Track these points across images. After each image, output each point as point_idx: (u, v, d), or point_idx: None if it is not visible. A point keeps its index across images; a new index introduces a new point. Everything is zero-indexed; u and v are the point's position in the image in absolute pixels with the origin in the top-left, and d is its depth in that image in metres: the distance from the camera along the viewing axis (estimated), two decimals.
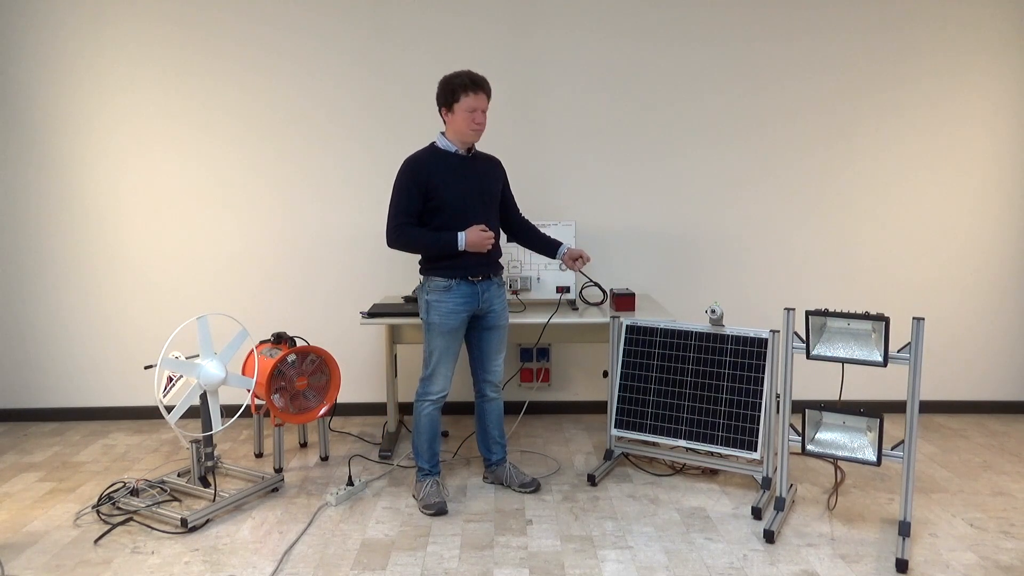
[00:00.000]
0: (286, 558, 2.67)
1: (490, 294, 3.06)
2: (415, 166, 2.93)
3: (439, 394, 3.05)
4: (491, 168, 3.10)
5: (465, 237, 2.91)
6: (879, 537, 2.81)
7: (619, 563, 2.62)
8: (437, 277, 2.98)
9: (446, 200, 2.93)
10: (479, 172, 3.02)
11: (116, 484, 3.27)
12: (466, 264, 2.97)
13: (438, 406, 3.08)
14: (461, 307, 2.99)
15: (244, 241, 4.16)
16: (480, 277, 3.01)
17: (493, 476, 3.30)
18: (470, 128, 2.91)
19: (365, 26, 4.02)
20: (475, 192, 2.98)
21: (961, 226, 4.20)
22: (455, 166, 2.96)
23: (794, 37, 4.06)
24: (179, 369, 2.95)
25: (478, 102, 2.88)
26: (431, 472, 3.13)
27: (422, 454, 3.12)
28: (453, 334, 3.01)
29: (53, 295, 4.17)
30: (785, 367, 2.87)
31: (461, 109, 2.88)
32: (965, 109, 4.11)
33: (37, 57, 3.99)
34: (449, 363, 3.04)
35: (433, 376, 3.04)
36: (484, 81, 2.91)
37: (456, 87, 2.87)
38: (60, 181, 4.09)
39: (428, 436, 3.10)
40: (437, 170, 2.93)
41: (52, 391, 4.25)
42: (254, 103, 4.06)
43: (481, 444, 3.31)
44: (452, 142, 2.97)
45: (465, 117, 2.89)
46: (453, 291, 2.97)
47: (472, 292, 3.00)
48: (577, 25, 4.04)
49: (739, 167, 4.16)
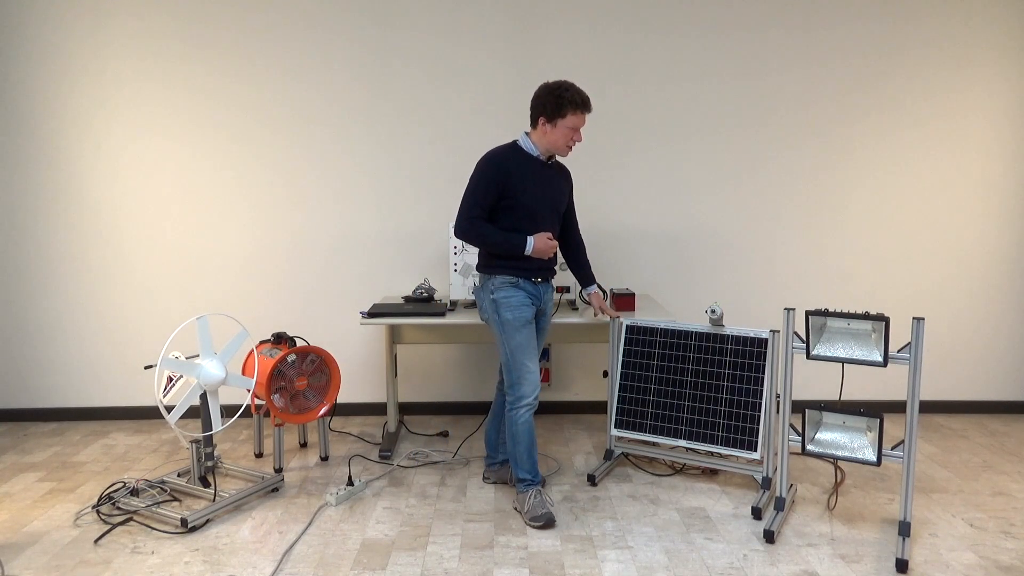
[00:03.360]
0: (286, 558, 2.67)
1: (546, 296, 3.11)
2: (497, 162, 2.92)
3: (532, 396, 2.95)
4: (563, 178, 3.10)
5: (533, 243, 2.92)
6: (879, 537, 2.81)
7: (619, 563, 2.62)
8: (504, 275, 2.98)
9: (520, 202, 2.92)
10: (553, 180, 3.02)
11: (116, 484, 3.27)
12: (529, 267, 2.98)
13: (534, 410, 2.97)
14: (528, 301, 2.99)
15: (244, 241, 4.16)
16: (540, 280, 3.04)
17: (496, 475, 3.29)
18: (567, 145, 2.92)
19: (370, 19, 4.02)
20: (547, 199, 2.98)
21: (962, 226, 4.20)
22: (534, 170, 2.95)
23: (796, 37, 4.06)
24: (179, 369, 2.95)
25: (580, 122, 2.90)
26: (533, 482, 3.00)
27: (522, 464, 2.99)
28: (528, 327, 2.97)
29: (53, 295, 4.17)
30: (785, 367, 2.87)
31: (564, 125, 2.87)
32: (967, 107, 4.11)
33: (38, 56, 3.99)
34: (532, 359, 2.96)
35: (520, 379, 2.94)
36: (589, 102, 2.91)
37: (566, 103, 2.84)
38: (60, 180, 4.09)
39: (527, 444, 2.98)
40: (517, 170, 2.92)
41: (52, 391, 4.25)
42: (253, 104, 4.06)
43: (490, 442, 3.28)
44: (537, 147, 2.96)
45: (565, 133, 2.89)
46: (520, 287, 2.98)
47: (535, 291, 3.03)
48: (575, 21, 4.04)
49: (739, 167, 4.16)
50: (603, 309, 3.28)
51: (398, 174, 4.13)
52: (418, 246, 4.18)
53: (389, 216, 4.16)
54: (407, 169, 4.13)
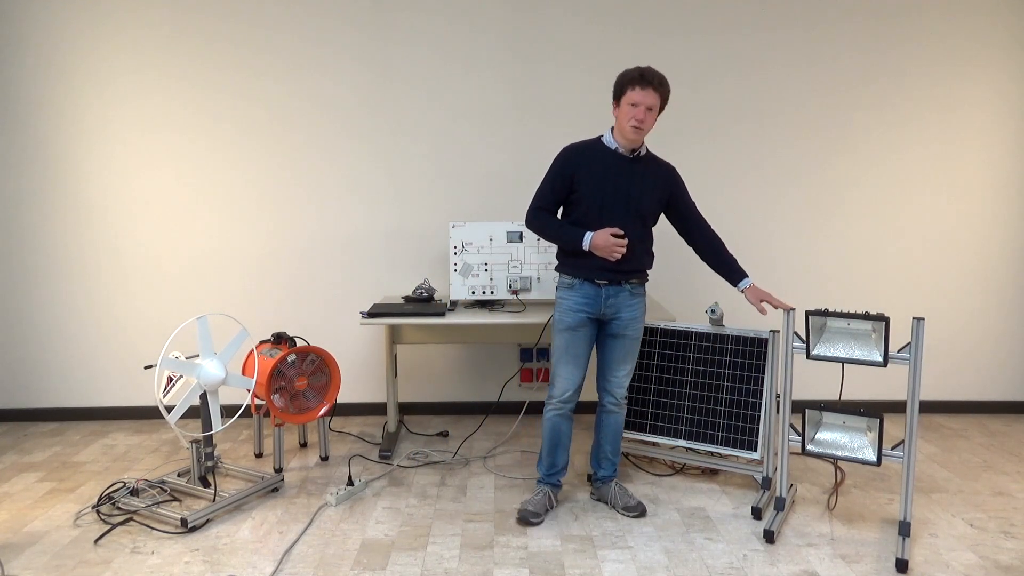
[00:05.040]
0: (286, 558, 2.66)
1: (617, 301, 2.89)
2: (567, 155, 2.88)
3: (559, 398, 2.92)
4: (654, 175, 2.91)
5: (592, 238, 2.79)
6: (879, 537, 2.81)
7: (619, 563, 2.62)
8: (564, 274, 2.93)
9: (584, 196, 2.83)
10: (635, 175, 2.85)
11: (116, 484, 3.27)
12: (592, 265, 2.85)
13: (560, 412, 2.93)
14: (581, 307, 2.88)
15: (244, 241, 4.16)
16: (606, 281, 2.88)
17: (598, 493, 3.13)
18: (628, 123, 2.74)
19: (365, 23, 4.01)
20: (621, 195, 2.83)
21: (961, 226, 4.20)
22: (609, 164, 2.84)
23: (797, 37, 4.06)
24: (179, 369, 2.95)
25: (644, 98, 2.72)
26: (543, 481, 3.03)
27: (541, 461, 3.04)
28: (572, 334, 2.89)
29: (53, 295, 4.17)
30: (785, 367, 2.87)
31: (625, 102, 2.75)
32: (966, 108, 4.11)
33: (39, 58, 3.99)
34: (568, 364, 2.90)
35: (554, 378, 2.93)
36: (656, 78, 2.74)
37: (625, 81, 2.75)
38: (59, 180, 4.09)
39: (549, 443, 2.99)
40: (588, 164, 2.84)
41: (52, 391, 4.25)
42: (253, 103, 4.06)
43: (592, 456, 3.15)
44: (616, 139, 2.84)
45: (627, 111, 2.75)
46: (575, 289, 2.89)
47: (595, 294, 2.87)
48: (576, 18, 4.04)
49: (739, 166, 4.16)
50: (766, 300, 2.94)
51: (398, 174, 4.13)
52: (418, 246, 4.18)
53: (389, 216, 4.16)
54: (407, 169, 4.13)
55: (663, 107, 2.81)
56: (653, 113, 2.77)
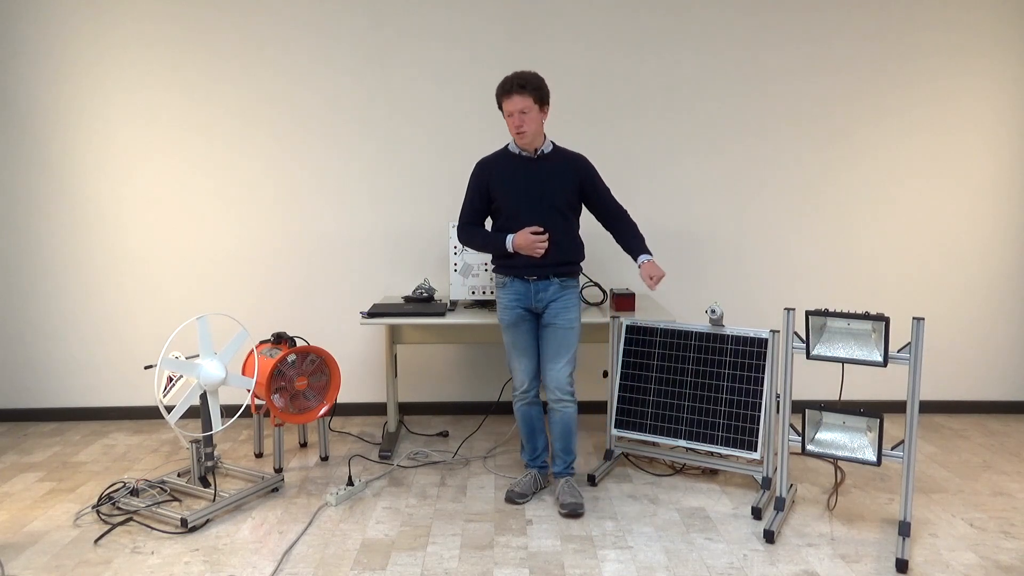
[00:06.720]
0: (286, 558, 2.67)
1: (547, 295, 3.02)
2: (479, 169, 3.08)
3: (520, 390, 3.14)
4: (562, 169, 3.01)
5: (513, 239, 2.96)
6: (879, 537, 2.81)
7: (619, 563, 2.62)
8: (498, 274, 3.11)
9: (502, 202, 3.01)
10: (543, 174, 2.99)
11: (116, 484, 3.27)
12: (518, 264, 3.01)
13: (525, 401, 3.16)
14: (515, 303, 3.06)
15: (244, 241, 4.16)
16: (535, 277, 3.02)
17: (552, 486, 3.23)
18: (512, 131, 2.94)
19: (366, 21, 4.01)
20: (534, 194, 2.98)
21: (961, 226, 4.20)
22: (517, 168, 3.01)
23: (792, 42, 4.06)
24: (179, 369, 2.95)
25: (513, 104, 2.87)
26: (529, 464, 3.25)
27: (524, 449, 3.26)
28: (514, 329, 3.08)
29: (53, 295, 4.17)
30: (785, 367, 2.87)
31: (504, 114, 2.94)
32: (964, 109, 4.11)
33: (39, 56, 3.99)
34: (520, 358, 3.10)
35: (512, 373, 3.16)
36: (517, 82, 2.86)
37: (497, 96, 2.94)
38: (60, 181, 4.09)
39: (525, 431, 3.22)
40: (498, 173, 3.02)
41: (52, 391, 4.25)
42: (254, 102, 4.06)
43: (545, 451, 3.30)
44: (517, 145, 3.01)
45: (508, 121, 2.93)
46: (508, 287, 3.07)
47: (526, 290, 3.04)
48: (574, 28, 4.04)
49: (739, 168, 4.16)
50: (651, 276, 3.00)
51: (398, 174, 4.13)
52: (418, 246, 4.18)
53: (389, 216, 4.16)
54: (407, 169, 4.13)
55: (543, 100, 2.91)
56: (530, 114, 2.88)
